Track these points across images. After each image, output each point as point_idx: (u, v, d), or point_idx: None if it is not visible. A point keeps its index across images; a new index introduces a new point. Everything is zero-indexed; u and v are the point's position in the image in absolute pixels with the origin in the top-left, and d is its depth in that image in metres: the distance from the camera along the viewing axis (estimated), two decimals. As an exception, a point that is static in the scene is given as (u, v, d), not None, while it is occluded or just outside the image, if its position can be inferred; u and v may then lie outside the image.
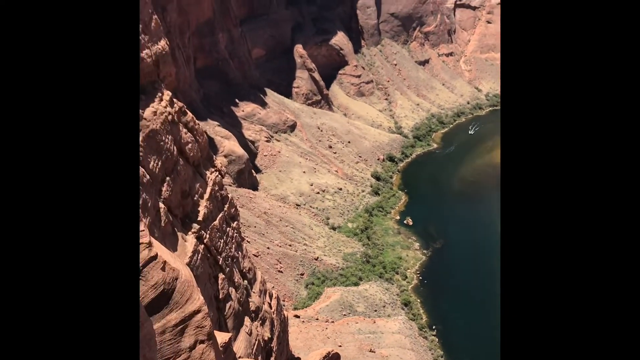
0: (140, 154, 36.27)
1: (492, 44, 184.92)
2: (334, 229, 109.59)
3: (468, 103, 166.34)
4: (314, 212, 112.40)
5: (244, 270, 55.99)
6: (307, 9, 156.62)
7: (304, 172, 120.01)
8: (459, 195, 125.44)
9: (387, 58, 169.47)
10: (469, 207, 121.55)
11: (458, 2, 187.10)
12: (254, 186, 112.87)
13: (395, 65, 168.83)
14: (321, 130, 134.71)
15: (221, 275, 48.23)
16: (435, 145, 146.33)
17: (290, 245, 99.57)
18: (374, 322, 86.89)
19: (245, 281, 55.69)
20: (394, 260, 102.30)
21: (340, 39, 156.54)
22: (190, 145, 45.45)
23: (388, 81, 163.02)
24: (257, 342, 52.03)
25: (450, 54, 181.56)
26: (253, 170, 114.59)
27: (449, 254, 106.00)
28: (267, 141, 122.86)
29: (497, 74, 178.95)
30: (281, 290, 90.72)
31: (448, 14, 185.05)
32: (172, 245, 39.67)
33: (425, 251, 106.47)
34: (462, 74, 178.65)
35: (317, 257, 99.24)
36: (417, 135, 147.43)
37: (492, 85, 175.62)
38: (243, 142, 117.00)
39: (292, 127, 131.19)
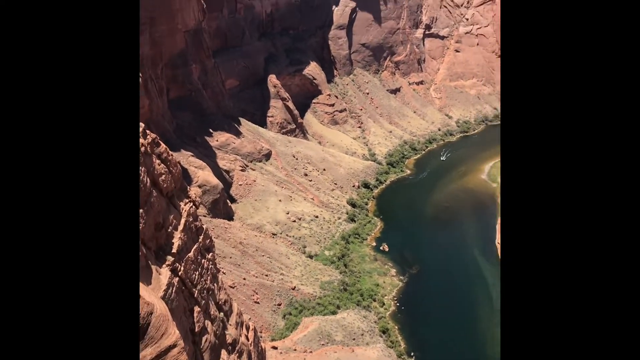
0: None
1: (461, 72, 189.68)
2: (310, 257, 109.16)
3: (439, 130, 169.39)
4: (291, 241, 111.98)
5: (220, 303, 55.26)
6: (280, 40, 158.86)
7: (280, 200, 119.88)
8: (433, 221, 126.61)
9: (359, 87, 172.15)
10: (444, 232, 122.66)
11: (427, 32, 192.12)
12: (229, 216, 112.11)
13: (368, 93, 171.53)
14: (296, 159, 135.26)
15: (197, 308, 47.51)
16: (408, 172, 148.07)
17: (266, 276, 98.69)
18: (353, 351, 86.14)
19: (222, 313, 54.91)
20: (371, 287, 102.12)
21: (313, 69, 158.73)
22: (163, 176, 45.20)
23: (361, 109, 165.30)
24: (234, 375, 51.04)
25: (421, 82, 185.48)
26: (228, 200, 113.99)
27: (425, 279, 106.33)
28: (242, 170, 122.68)
29: (466, 101, 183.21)
30: (258, 322, 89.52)
31: (417, 44, 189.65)
32: (146, 279, 39.07)
33: (401, 277, 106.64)
34: (432, 101, 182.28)
35: (294, 287, 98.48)
36: (391, 161, 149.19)
37: (461, 112, 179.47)
38: (217, 171, 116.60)
39: (267, 156, 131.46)
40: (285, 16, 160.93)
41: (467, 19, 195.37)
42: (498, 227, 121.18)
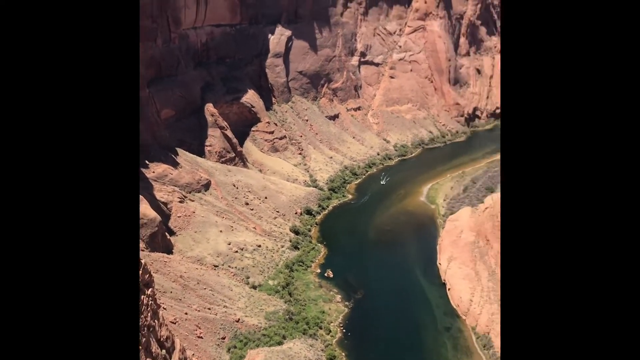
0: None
1: (397, 97, 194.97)
2: (254, 287, 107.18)
3: (378, 154, 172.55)
4: (233, 272, 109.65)
5: (162, 339, 53.00)
6: (216, 68, 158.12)
7: (221, 231, 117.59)
8: (376, 244, 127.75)
9: (298, 114, 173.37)
10: (386, 255, 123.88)
11: (362, 60, 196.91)
12: (168, 249, 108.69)
13: (307, 120, 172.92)
14: (237, 188, 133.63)
15: (133, 348, 45.21)
16: (350, 196, 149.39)
17: (209, 309, 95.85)
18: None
19: (164, 351, 52.66)
20: (317, 314, 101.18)
21: (251, 97, 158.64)
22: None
23: (301, 136, 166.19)
24: (176, 417, 48.75)
25: (358, 108, 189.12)
26: (167, 233, 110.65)
27: (370, 303, 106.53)
28: (180, 202, 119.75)
29: (403, 125, 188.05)
30: (202, 357, 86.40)
31: (353, 71, 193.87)
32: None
33: (347, 303, 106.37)
34: (370, 126, 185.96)
35: (239, 319, 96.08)
36: (332, 187, 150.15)
37: (399, 136, 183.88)
38: (155, 204, 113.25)
39: (207, 186, 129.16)
40: (220, 45, 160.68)
41: (400, 46, 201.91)
42: (438, 247, 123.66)
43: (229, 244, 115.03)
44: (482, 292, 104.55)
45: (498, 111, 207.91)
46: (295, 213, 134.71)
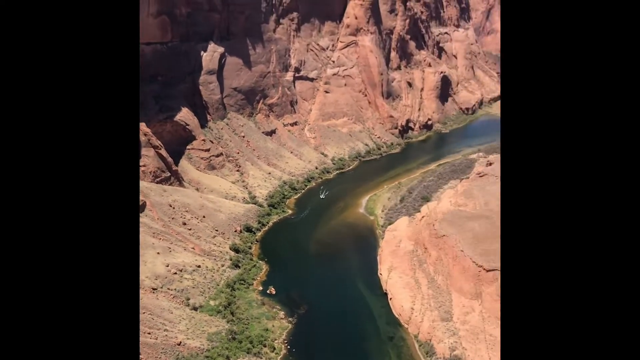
0: None
1: (332, 111, 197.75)
2: (195, 309, 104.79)
3: (316, 168, 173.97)
4: (173, 294, 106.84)
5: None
6: (149, 87, 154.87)
7: (158, 253, 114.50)
8: (318, 258, 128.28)
9: (234, 131, 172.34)
10: (328, 268, 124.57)
11: (297, 75, 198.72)
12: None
13: (244, 137, 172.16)
14: (173, 208, 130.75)
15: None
16: (290, 212, 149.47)
17: (149, 334, 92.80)
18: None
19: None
20: (261, 332, 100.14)
21: (185, 115, 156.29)
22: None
23: (238, 153, 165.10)
24: None
25: (295, 123, 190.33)
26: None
27: (314, 317, 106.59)
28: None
29: (340, 139, 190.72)
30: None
31: (289, 86, 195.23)
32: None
33: (290, 319, 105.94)
34: (307, 141, 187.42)
35: (180, 342, 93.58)
36: (272, 203, 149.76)
37: (336, 149, 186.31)
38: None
39: (142, 207, 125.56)
40: (151, 63, 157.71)
41: (334, 62, 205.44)
42: (379, 258, 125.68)
43: (167, 266, 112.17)
44: (423, 299, 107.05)
45: (430, 122, 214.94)
46: (235, 231, 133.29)
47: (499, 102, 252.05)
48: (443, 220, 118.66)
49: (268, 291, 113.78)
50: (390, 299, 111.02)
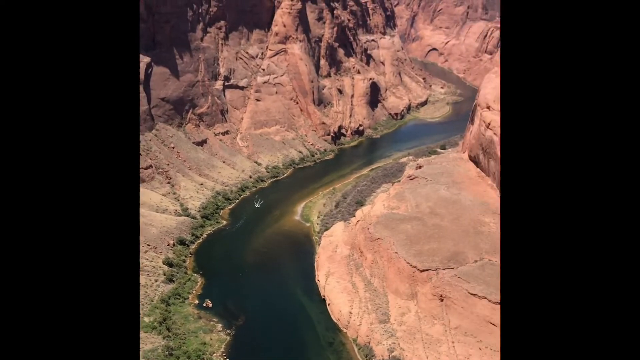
0: None
1: (264, 120, 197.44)
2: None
3: (250, 177, 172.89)
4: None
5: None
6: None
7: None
8: (254, 268, 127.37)
9: (163, 142, 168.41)
10: (265, 277, 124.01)
11: (227, 84, 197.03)
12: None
13: (173, 147, 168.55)
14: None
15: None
16: (224, 222, 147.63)
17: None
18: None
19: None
20: (198, 347, 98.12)
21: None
22: None
23: (168, 164, 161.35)
24: None
25: (226, 132, 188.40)
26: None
27: (252, 328, 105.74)
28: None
29: (273, 147, 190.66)
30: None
31: (218, 95, 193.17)
32: None
33: (228, 331, 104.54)
34: (240, 150, 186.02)
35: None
36: (205, 214, 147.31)
37: (270, 158, 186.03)
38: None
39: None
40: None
41: (264, 70, 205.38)
42: (316, 264, 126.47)
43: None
44: (360, 303, 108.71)
45: (361, 128, 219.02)
46: (168, 244, 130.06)
47: (426, 107, 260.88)
48: (377, 224, 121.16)
49: (204, 304, 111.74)
50: (329, 304, 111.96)
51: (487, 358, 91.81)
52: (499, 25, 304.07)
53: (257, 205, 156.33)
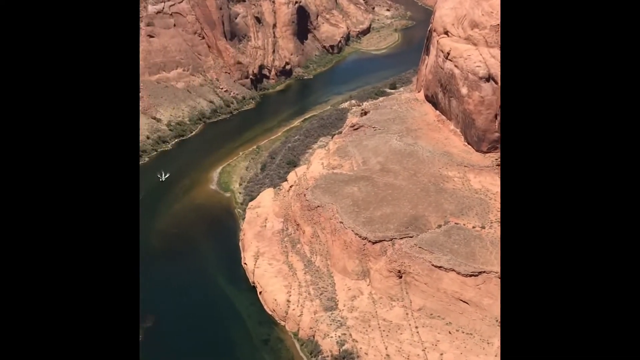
0: None
1: (161, 62, 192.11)
2: None
3: (148, 138, 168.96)
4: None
5: None
6: None
7: None
8: (162, 254, 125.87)
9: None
10: (178, 265, 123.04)
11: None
12: None
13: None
14: None
15: None
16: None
17: None
18: None
19: None
20: None
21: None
22: None
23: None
24: None
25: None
26: None
27: (166, 329, 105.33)
28: None
29: (175, 97, 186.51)
30: None
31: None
32: None
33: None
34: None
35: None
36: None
37: (171, 112, 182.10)
38: None
39: None
40: None
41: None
42: (241, 243, 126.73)
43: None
44: (300, 288, 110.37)
45: (288, 67, 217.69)
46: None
47: (369, 36, 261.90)
48: (315, 188, 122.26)
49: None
50: (260, 292, 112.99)
51: (459, 342, 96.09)
52: None
53: (162, 179, 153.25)
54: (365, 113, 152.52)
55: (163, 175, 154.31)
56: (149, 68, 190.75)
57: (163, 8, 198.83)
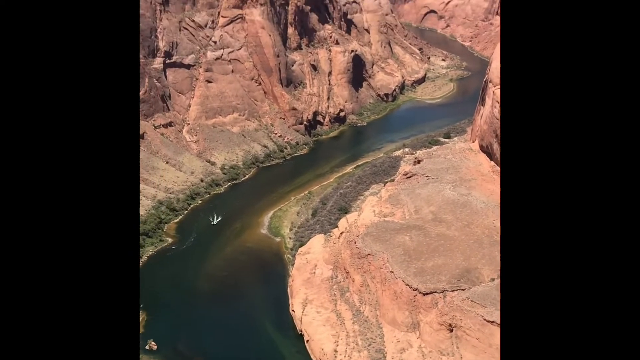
0: None
1: (218, 106, 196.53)
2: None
3: (202, 181, 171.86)
4: None
5: None
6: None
7: None
8: (211, 297, 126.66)
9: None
10: (226, 309, 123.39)
11: (168, 62, 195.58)
12: None
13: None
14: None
15: None
16: (170, 240, 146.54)
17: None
18: None
19: None
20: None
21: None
22: None
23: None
24: None
25: (169, 124, 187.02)
26: None
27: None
28: None
29: (230, 141, 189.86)
30: None
31: (158, 77, 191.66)
32: None
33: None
34: (188, 146, 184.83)
35: None
36: (145, 230, 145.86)
37: (226, 155, 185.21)
38: None
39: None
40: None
41: (215, 42, 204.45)
42: (289, 289, 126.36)
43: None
44: (348, 338, 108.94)
45: (342, 114, 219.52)
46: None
47: (424, 85, 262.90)
48: (366, 236, 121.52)
49: (147, 347, 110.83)
50: (307, 341, 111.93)
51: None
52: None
53: (213, 222, 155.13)
54: (419, 161, 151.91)
55: (215, 218, 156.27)
56: (206, 112, 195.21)
57: (222, 54, 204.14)
